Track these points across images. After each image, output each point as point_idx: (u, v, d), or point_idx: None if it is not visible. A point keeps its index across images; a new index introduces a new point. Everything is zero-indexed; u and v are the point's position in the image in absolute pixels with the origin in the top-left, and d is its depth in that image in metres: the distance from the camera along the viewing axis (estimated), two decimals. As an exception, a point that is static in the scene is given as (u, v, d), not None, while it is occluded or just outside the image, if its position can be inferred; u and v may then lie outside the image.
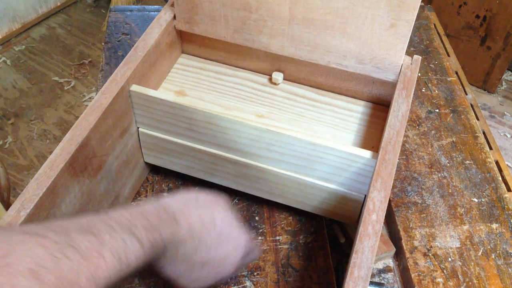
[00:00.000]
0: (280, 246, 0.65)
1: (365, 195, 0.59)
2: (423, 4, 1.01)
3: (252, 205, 0.69)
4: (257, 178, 0.64)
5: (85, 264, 0.35)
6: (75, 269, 0.34)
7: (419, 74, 0.88)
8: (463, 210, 0.68)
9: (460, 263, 0.63)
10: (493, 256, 0.64)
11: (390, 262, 0.65)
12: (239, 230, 0.51)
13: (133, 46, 0.65)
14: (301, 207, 0.65)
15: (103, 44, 0.93)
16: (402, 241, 0.65)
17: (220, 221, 0.49)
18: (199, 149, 0.64)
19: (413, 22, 0.58)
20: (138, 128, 0.66)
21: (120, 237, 0.39)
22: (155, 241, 0.41)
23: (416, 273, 0.62)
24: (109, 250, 0.37)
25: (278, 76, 0.71)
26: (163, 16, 0.70)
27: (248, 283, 0.61)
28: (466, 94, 0.86)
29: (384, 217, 0.49)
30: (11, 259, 0.32)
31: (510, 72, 2.06)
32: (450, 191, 0.71)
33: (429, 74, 0.88)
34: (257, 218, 0.68)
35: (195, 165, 0.66)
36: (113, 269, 0.37)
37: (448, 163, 0.74)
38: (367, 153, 0.56)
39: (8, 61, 2.02)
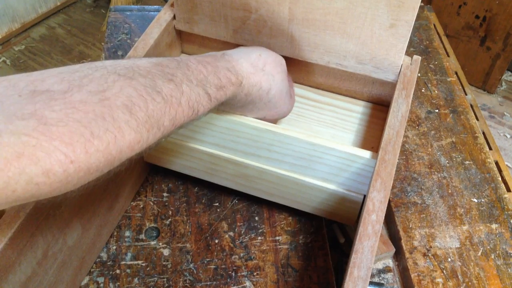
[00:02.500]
0: (279, 246, 0.65)
1: (365, 195, 0.59)
2: (422, 4, 1.01)
3: (252, 205, 0.69)
4: (256, 179, 0.64)
5: (167, 107, 0.40)
6: (160, 110, 0.39)
7: (419, 75, 0.88)
8: (462, 210, 0.68)
9: (459, 263, 0.63)
10: (492, 257, 0.64)
11: (390, 262, 0.65)
12: (285, 101, 0.59)
13: (133, 46, 0.65)
14: (300, 208, 0.65)
15: (103, 44, 0.93)
16: (402, 241, 0.65)
17: (275, 89, 0.56)
18: (199, 149, 0.64)
19: (413, 23, 0.58)
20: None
21: (195, 90, 0.44)
22: (220, 97, 0.47)
23: (415, 273, 0.62)
24: (186, 100, 0.42)
25: None
26: (163, 16, 0.70)
27: (247, 283, 0.61)
28: (466, 95, 0.86)
29: (383, 217, 0.49)
30: (109, 94, 0.36)
31: (509, 73, 2.07)
32: (449, 191, 0.71)
33: (429, 74, 0.88)
34: (256, 218, 0.68)
35: (195, 165, 0.66)
36: (187, 116, 0.43)
37: (448, 163, 0.74)
38: (366, 153, 0.56)
39: (7, 61, 2.02)
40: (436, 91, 0.85)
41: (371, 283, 0.62)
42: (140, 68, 0.40)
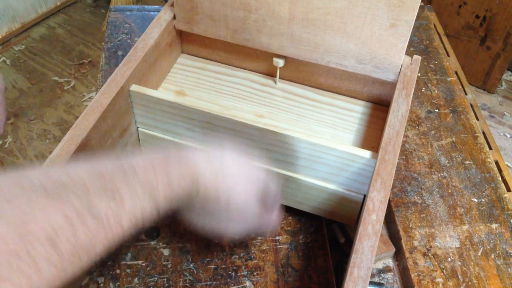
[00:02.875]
0: (279, 246, 0.65)
1: (365, 195, 0.59)
2: (422, 4, 1.01)
3: (251, 205, 0.69)
4: None
5: (103, 232, 0.35)
6: (93, 238, 0.35)
7: (419, 74, 0.88)
8: (462, 210, 0.68)
9: (459, 263, 0.63)
10: (492, 256, 0.64)
11: (390, 262, 0.65)
12: (249, 173, 0.49)
13: (133, 46, 0.65)
14: (301, 208, 0.65)
15: (103, 44, 0.93)
16: (402, 241, 0.65)
17: (233, 205, 0.48)
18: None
19: (413, 22, 0.58)
20: (138, 128, 0.66)
21: (140, 203, 0.38)
22: (171, 202, 0.41)
23: (415, 273, 0.62)
24: (128, 217, 0.37)
25: (279, 60, 0.69)
26: (163, 16, 0.70)
27: (247, 283, 0.61)
28: (466, 94, 0.86)
29: (383, 217, 0.49)
30: (31, 225, 0.32)
31: (509, 72, 2.07)
32: (449, 191, 0.71)
33: (429, 74, 0.88)
34: (256, 218, 0.68)
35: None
36: (128, 233, 0.38)
37: (448, 163, 0.74)
38: (366, 153, 0.56)
39: (8, 61, 2.02)
40: (436, 91, 0.85)
41: (371, 283, 0.62)
42: (76, 185, 0.35)
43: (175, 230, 0.66)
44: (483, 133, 0.81)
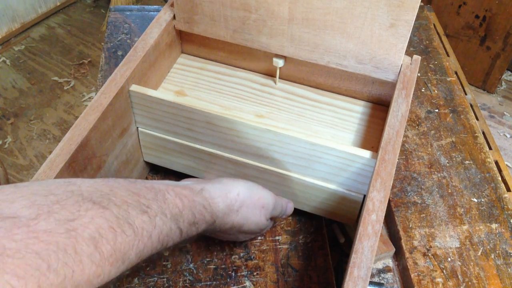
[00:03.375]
0: (279, 246, 0.65)
1: (365, 195, 0.59)
2: (422, 4, 1.01)
3: (251, 205, 0.69)
4: (256, 178, 0.64)
5: (137, 241, 0.39)
6: (129, 244, 0.38)
7: (419, 74, 0.88)
8: (462, 210, 0.68)
9: (459, 263, 0.63)
10: (492, 256, 0.64)
11: (390, 262, 0.65)
12: (261, 201, 0.56)
13: (132, 46, 0.65)
14: (300, 208, 0.65)
15: (102, 44, 0.93)
16: (402, 241, 0.65)
17: (247, 227, 0.55)
18: (199, 148, 0.64)
19: (413, 22, 0.58)
20: (138, 128, 0.66)
21: (168, 224, 0.43)
22: (191, 233, 0.47)
23: (415, 273, 0.62)
24: (158, 234, 0.41)
25: (279, 60, 0.69)
26: (163, 16, 0.70)
27: (247, 283, 0.61)
28: (466, 94, 0.86)
29: (383, 217, 0.49)
30: (78, 224, 0.35)
31: (509, 72, 2.07)
32: (449, 191, 0.71)
33: (429, 74, 0.88)
34: (256, 218, 0.68)
35: (194, 165, 0.66)
36: (155, 249, 0.42)
37: (448, 163, 0.74)
38: (366, 153, 0.56)
39: (7, 61, 2.02)
40: (436, 91, 0.85)
41: (371, 283, 0.62)
42: (116, 196, 0.40)
43: (175, 230, 0.66)
44: (483, 133, 0.81)
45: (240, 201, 0.53)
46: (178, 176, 0.71)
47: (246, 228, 0.55)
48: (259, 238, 0.65)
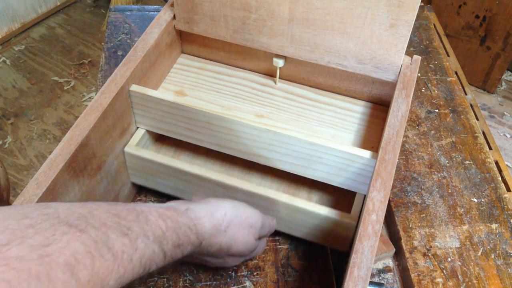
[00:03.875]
0: (279, 246, 0.65)
1: (365, 195, 0.59)
2: (422, 4, 1.01)
3: (251, 205, 0.69)
4: (246, 202, 0.58)
5: (116, 265, 0.37)
6: (108, 269, 0.36)
7: (419, 74, 0.88)
8: (462, 210, 0.68)
9: (459, 263, 0.63)
10: (492, 256, 0.64)
11: (390, 262, 0.65)
12: (248, 220, 0.54)
13: (133, 46, 0.65)
14: (290, 232, 0.63)
15: (103, 44, 0.93)
16: (402, 241, 0.65)
17: (235, 248, 0.53)
18: (186, 171, 0.61)
19: (413, 22, 0.58)
20: (138, 128, 0.66)
21: (151, 246, 0.41)
22: (176, 255, 0.45)
23: (415, 273, 0.62)
24: (139, 258, 0.39)
25: (279, 60, 0.69)
26: (163, 16, 0.70)
27: (247, 283, 0.61)
28: (466, 94, 0.86)
29: (383, 217, 0.49)
30: (52, 249, 0.33)
31: (509, 72, 2.07)
32: (449, 191, 0.71)
33: (429, 74, 0.88)
34: (256, 218, 0.68)
35: (182, 187, 0.64)
36: (137, 274, 0.40)
37: (448, 163, 0.74)
38: (366, 153, 0.56)
39: (7, 61, 2.02)
40: (436, 91, 0.85)
41: (371, 283, 0.62)
42: (94, 219, 0.38)
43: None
44: (483, 133, 0.81)
45: (227, 221, 0.50)
46: (169, 197, 0.70)
47: (234, 250, 0.52)
48: (252, 260, 0.64)
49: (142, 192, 0.70)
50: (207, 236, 0.48)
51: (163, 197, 0.69)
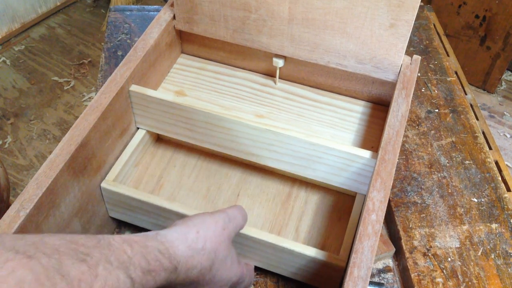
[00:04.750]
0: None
1: (365, 195, 0.59)
2: (422, 4, 1.01)
3: (251, 205, 0.69)
4: (232, 243, 0.54)
5: None
6: None
7: (419, 74, 0.88)
8: (462, 210, 0.68)
9: (459, 263, 0.63)
10: (492, 256, 0.64)
11: (390, 262, 0.65)
12: (232, 268, 0.50)
13: (132, 46, 0.65)
14: (277, 271, 0.60)
15: (102, 44, 0.93)
16: (402, 241, 0.65)
17: (218, 263, 0.48)
18: (165, 208, 0.57)
19: (413, 22, 0.58)
20: (138, 128, 0.66)
21: (114, 273, 0.36)
22: (147, 283, 0.40)
23: (415, 273, 0.62)
24: (101, 285, 0.35)
25: (279, 60, 0.69)
26: (163, 16, 0.70)
27: (247, 283, 0.61)
28: (466, 94, 0.86)
29: (383, 217, 0.49)
30: None
31: (509, 72, 2.07)
32: (449, 191, 0.71)
33: (429, 74, 0.88)
34: (256, 218, 0.68)
35: (161, 223, 0.60)
36: None
37: (448, 163, 0.74)
38: (366, 153, 0.56)
39: (7, 61, 2.02)
40: (436, 91, 0.85)
41: (371, 283, 0.62)
42: (46, 246, 0.34)
43: (175, 230, 0.66)
44: (483, 133, 0.81)
45: (203, 238, 0.46)
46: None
47: (216, 266, 0.47)
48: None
49: (121, 226, 0.67)
50: (183, 260, 0.44)
51: (144, 231, 0.66)
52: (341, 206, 0.64)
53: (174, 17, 0.70)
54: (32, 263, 0.32)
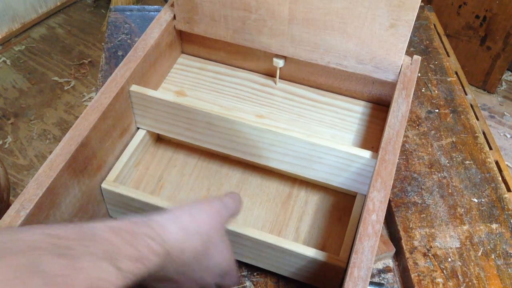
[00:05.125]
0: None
1: (365, 195, 0.59)
2: (422, 4, 1.01)
3: (252, 205, 0.69)
4: (232, 243, 0.55)
5: None
6: None
7: (419, 74, 0.88)
8: (463, 210, 0.68)
9: (460, 263, 0.63)
10: (493, 256, 0.64)
11: (390, 262, 0.65)
12: (225, 254, 0.48)
13: (133, 46, 0.65)
14: (277, 272, 0.60)
15: (103, 44, 0.93)
16: (402, 241, 0.65)
17: (213, 248, 0.46)
18: (166, 208, 0.56)
19: (413, 22, 0.58)
20: (138, 128, 0.66)
21: (99, 264, 0.34)
22: (138, 271, 0.38)
23: (416, 273, 0.62)
24: (84, 278, 0.33)
25: (279, 60, 0.69)
26: (163, 16, 0.70)
27: (248, 283, 0.61)
28: (466, 94, 0.86)
29: (384, 217, 0.49)
30: None
31: (510, 72, 2.06)
32: (450, 191, 0.71)
33: (429, 74, 0.88)
34: (257, 218, 0.68)
35: None
36: None
37: (448, 163, 0.74)
38: (366, 153, 0.56)
39: (8, 61, 2.02)
40: (436, 91, 0.85)
41: (371, 283, 0.62)
42: (23, 241, 0.32)
43: (175, 230, 0.66)
44: (483, 133, 0.81)
45: (197, 221, 0.44)
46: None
47: (212, 251, 0.46)
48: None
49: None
50: (176, 244, 0.42)
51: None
52: (342, 206, 0.64)
53: (174, 17, 0.70)
54: (9, 261, 0.30)
